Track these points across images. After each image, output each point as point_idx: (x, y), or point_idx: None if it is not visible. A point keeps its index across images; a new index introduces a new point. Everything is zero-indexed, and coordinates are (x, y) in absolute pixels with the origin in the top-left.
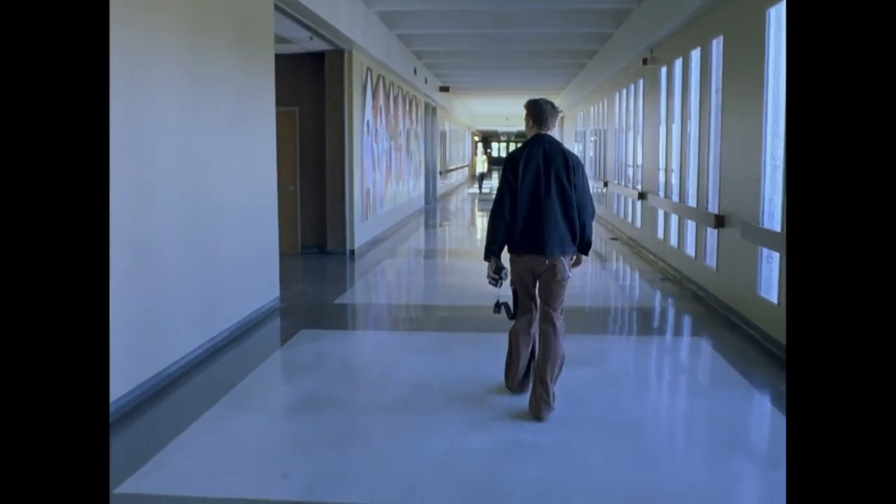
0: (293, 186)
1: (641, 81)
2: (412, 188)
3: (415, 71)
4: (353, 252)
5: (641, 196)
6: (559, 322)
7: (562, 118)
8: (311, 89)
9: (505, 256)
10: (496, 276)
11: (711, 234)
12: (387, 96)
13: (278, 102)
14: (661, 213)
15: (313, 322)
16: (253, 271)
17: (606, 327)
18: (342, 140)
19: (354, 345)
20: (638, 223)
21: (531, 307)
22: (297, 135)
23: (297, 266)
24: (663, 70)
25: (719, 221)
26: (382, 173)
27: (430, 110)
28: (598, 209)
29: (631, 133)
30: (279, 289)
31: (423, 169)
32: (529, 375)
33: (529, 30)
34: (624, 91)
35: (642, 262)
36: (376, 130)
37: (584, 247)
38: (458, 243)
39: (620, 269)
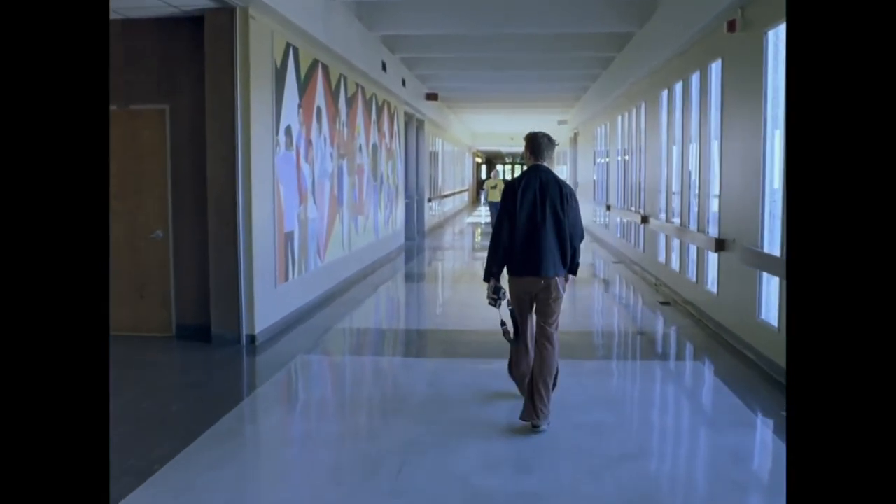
0: (161, 232)
1: (716, 65)
2: (383, 223)
3: (384, 66)
4: (253, 339)
5: (721, 245)
6: (555, 337)
7: (575, 134)
8: (193, 75)
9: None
10: (495, 296)
11: None
12: (332, 94)
13: (134, 98)
14: (768, 279)
15: None
16: None
17: None
18: (233, 156)
19: None
20: (710, 285)
21: (529, 324)
22: (167, 149)
23: (134, 373)
24: (771, 35)
25: None
26: (323, 206)
27: (415, 123)
28: (634, 254)
29: (694, 146)
30: None
31: (403, 196)
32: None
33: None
34: (678, 86)
35: (736, 361)
36: (309, 142)
37: (573, 268)
38: (442, 316)
39: (707, 394)
